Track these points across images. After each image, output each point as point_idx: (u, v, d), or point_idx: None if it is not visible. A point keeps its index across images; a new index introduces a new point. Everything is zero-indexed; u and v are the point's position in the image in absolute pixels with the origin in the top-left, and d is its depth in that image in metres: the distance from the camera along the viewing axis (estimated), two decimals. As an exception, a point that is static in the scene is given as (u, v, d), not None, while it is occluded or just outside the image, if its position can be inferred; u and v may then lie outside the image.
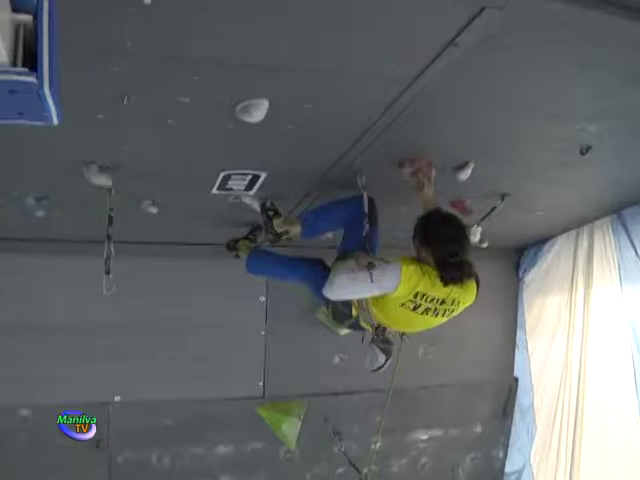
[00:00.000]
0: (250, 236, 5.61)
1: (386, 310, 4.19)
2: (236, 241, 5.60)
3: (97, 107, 3.32)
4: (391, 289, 3.96)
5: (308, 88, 3.33)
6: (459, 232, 4.02)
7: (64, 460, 5.80)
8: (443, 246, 3.93)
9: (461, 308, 4.15)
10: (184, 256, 6.10)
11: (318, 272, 4.58)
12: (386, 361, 4.43)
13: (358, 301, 4.34)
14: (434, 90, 3.40)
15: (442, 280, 3.92)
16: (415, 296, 3.96)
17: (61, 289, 5.83)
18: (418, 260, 4.03)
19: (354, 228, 4.46)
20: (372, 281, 3.95)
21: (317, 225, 4.74)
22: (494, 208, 5.25)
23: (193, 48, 2.88)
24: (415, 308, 4.01)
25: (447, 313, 4.11)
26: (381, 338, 4.40)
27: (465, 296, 4.10)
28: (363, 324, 4.51)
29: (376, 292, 4.05)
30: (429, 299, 3.98)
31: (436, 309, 4.03)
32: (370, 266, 3.96)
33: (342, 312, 4.54)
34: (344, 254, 4.42)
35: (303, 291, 5.51)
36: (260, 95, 3.32)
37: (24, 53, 2.00)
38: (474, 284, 4.13)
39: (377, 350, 4.41)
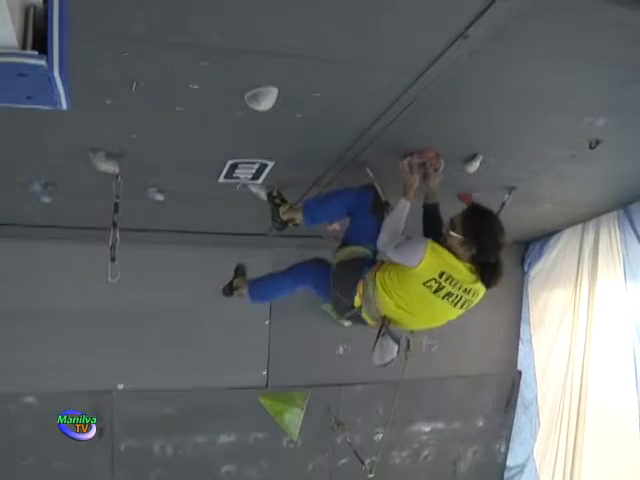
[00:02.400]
0: (238, 273, 5.56)
1: (404, 292, 4.04)
2: (230, 284, 5.52)
3: (105, 93, 3.31)
4: (414, 260, 3.86)
5: (318, 77, 3.31)
6: (503, 233, 3.95)
7: (68, 447, 5.81)
8: (491, 247, 3.89)
9: (477, 301, 4.06)
10: (190, 245, 6.11)
11: (319, 271, 4.59)
12: (397, 353, 4.28)
13: (364, 290, 4.21)
14: (444, 82, 3.39)
15: (483, 282, 3.92)
16: (440, 275, 3.84)
17: (66, 276, 5.85)
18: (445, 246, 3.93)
19: (358, 219, 4.43)
20: (397, 246, 4.00)
21: (318, 213, 4.65)
22: (504, 203, 5.23)
23: (203, 34, 2.87)
24: (437, 290, 3.87)
25: (466, 305, 4.00)
26: (390, 331, 4.31)
27: (482, 288, 4.02)
28: (365, 316, 4.34)
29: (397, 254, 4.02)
30: (453, 283, 3.86)
31: (457, 297, 3.91)
32: None
33: (342, 302, 4.39)
34: (345, 244, 4.40)
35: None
36: (269, 83, 3.31)
37: (34, 36, 1.99)
38: None
39: (391, 342, 4.20)
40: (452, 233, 3.88)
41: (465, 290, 3.91)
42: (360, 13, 2.81)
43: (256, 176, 4.58)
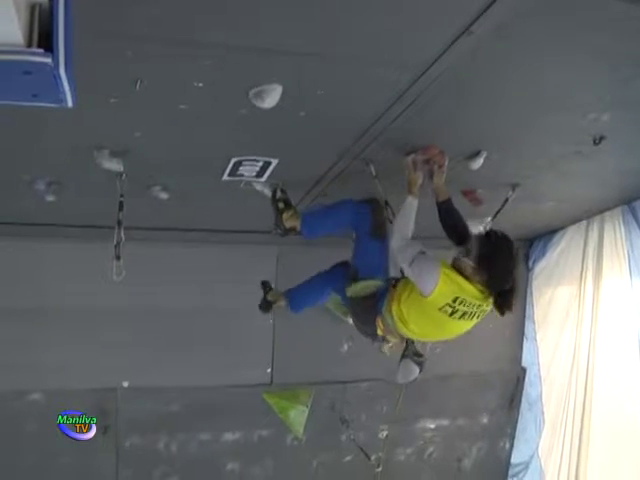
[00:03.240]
0: (267, 288, 5.60)
1: (420, 319, 4.13)
2: (264, 300, 5.56)
3: (110, 91, 3.33)
4: (428, 287, 3.88)
5: (321, 74, 3.32)
6: (516, 259, 4.06)
7: (73, 445, 5.80)
8: (503, 274, 3.95)
9: (490, 307, 4.07)
10: (194, 243, 6.10)
11: (340, 272, 4.68)
12: (419, 372, 4.42)
13: (384, 323, 4.29)
14: (448, 79, 3.39)
15: (499, 309, 3.99)
16: (454, 300, 3.88)
17: (71, 274, 5.84)
18: (455, 267, 3.97)
19: (361, 242, 4.51)
20: (411, 264, 3.99)
21: (316, 228, 4.74)
22: (507, 200, 5.23)
23: (206, 32, 2.88)
24: (453, 313, 3.92)
25: (482, 315, 4.06)
26: (413, 351, 4.38)
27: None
28: (391, 339, 4.44)
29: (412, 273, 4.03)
30: (467, 304, 3.91)
31: (472, 313, 3.96)
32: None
33: (366, 331, 4.55)
34: (355, 276, 4.43)
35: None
36: (273, 80, 3.31)
37: (40, 34, 1.99)
38: None
39: (412, 365, 4.40)
40: (465, 259, 3.92)
41: (479, 305, 3.96)
42: (363, 10, 2.81)
43: (260, 174, 4.59)
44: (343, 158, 4.42)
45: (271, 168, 4.49)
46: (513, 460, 7.63)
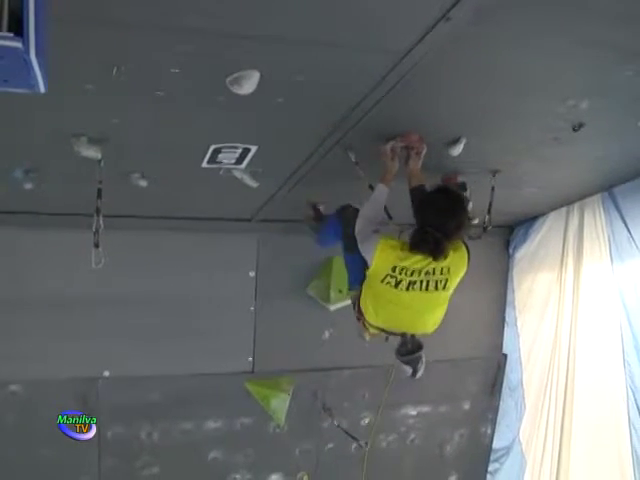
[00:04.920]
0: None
1: (375, 300, 4.18)
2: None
3: (86, 77, 3.29)
4: (369, 258, 3.98)
5: (300, 60, 3.30)
6: (452, 207, 3.94)
7: (53, 435, 5.78)
8: (428, 214, 3.89)
9: (455, 277, 4.04)
10: (174, 231, 6.06)
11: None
12: (417, 370, 4.30)
13: (365, 324, 4.39)
14: (426, 64, 3.38)
15: (412, 247, 3.90)
16: (394, 270, 3.91)
17: (50, 263, 5.80)
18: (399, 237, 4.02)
19: (344, 256, 4.58)
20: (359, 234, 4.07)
21: (323, 242, 5.13)
22: (493, 188, 5.28)
23: (184, 18, 2.84)
24: (397, 284, 3.93)
25: (441, 284, 3.99)
26: (403, 351, 4.27)
27: (456, 263, 4.01)
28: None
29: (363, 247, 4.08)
30: (409, 272, 3.90)
31: (423, 281, 3.93)
32: None
33: None
34: (349, 286, 4.57)
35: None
36: (251, 66, 3.29)
37: (10, 18, 1.96)
38: (464, 251, 4.07)
39: (402, 366, 4.32)
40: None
41: (428, 272, 3.92)
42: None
43: (239, 160, 4.56)
44: (323, 144, 4.40)
45: (250, 155, 4.47)
46: (495, 445, 7.66)
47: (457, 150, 4.56)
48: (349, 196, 4.86)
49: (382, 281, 3.97)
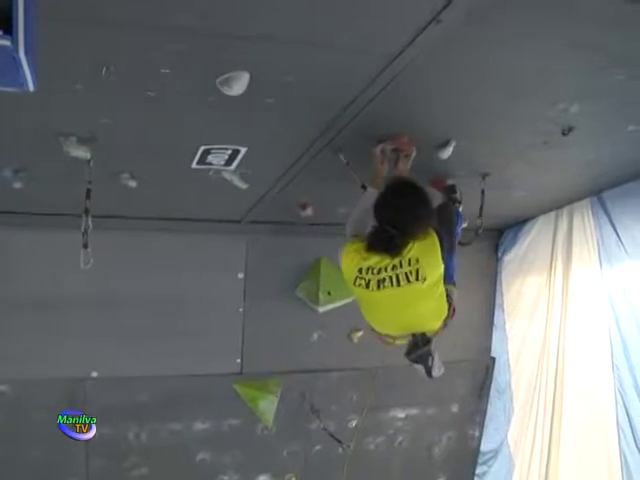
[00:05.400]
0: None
1: (360, 301, 4.19)
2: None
3: (75, 77, 3.27)
4: (339, 263, 4.01)
5: (290, 61, 3.30)
6: (404, 201, 3.81)
7: (41, 435, 5.79)
8: (382, 213, 3.82)
9: (427, 265, 3.86)
10: (163, 231, 6.05)
11: None
12: (429, 367, 4.23)
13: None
14: (417, 66, 3.38)
15: (368, 244, 3.85)
16: (360, 271, 3.88)
17: (39, 263, 5.78)
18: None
19: None
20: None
21: None
22: (483, 191, 5.28)
23: (174, 17, 2.83)
24: (367, 285, 3.88)
25: (413, 275, 3.84)
26: (409, 350, 4.22)
27: (425, 251, 3.86)
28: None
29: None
30: (376, 270, 3.85)
31: (392, 277, 3.83)
32: None
33: None
34: None
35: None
36: (241, 67, 3.28)
37: (-1, 16, 1.96)
38: (432, 236, 3.89)
39: (415, 365, 4.26)
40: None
41: (395, 267, 3.83)
42: (332, -4, 2.80)
43: (229, 162, 4.55)
44: (313, 146, 4.40)
45: (240, 156, 4.46)
46: (483, 448, 7.68)
47: (447, 153, 4.56)
48: (340, 198, 4.87)
49: (354, 284, 3.94)
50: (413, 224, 3.79)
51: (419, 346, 4.15)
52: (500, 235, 7.43)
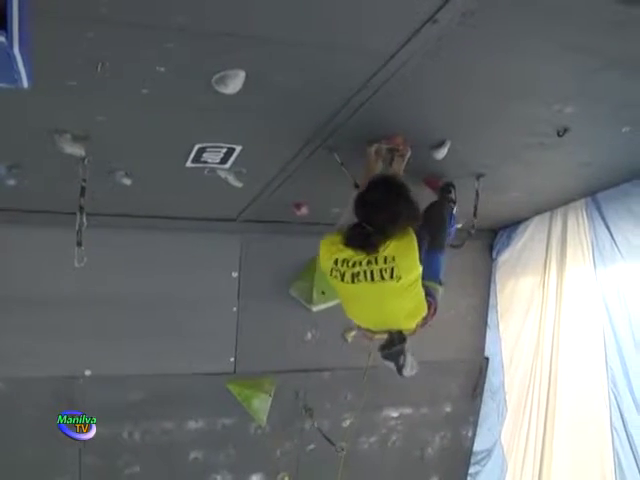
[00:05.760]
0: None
1: (338, 293, 4.24)
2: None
3: (70, 74, 3.27)
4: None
5: (285, 60, 3.30)
6: (382, 199, 3.80)
7: (35, 434, 5.78)
8: (360, 211, 3.83)
9: (403, 266, 3.85)
10: (157, 230, 6.05)
11: None
12: (400, 366, 4.22)
13: None
14: (412, 67, 3.39)
15: (345, 240, 3.85)
16: (335, 263, 3.90)
17: (33, 261, 5.76)
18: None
19: None
20: None
21: None
22: (477, 193, 5.29)
23: (170, 16, 2.83)
24: (342, 276, 3.90)
25: (388, 272, 3.84)
26: (387, 352, 4.24)
27: (402, 250, 3.85)
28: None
29: None
30: (351, 263, 3.86)
31: (367, 271, 3.84)
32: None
33: None
34: None
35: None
36: (237, 66, 3.29)
37: (-7, 13, 1.95)
38: (411, 236, 3.88)
39: (386, 362, 4.27)
40: None
41: (370, 262, 3.84)
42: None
43: (224, 160, 4.55)
44: (308, 145, 4.40)
45: (235, 155, 4.46)
46: (476, 448, 7.68)
47: (441, 153, 4.56)
48: (334, 197, 4.87)
49: (330, 275, 3.97)
50: (390, 222, 3.79)
51: (394, 343, 4.16)
52: (494, 235, 7.43)
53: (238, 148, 4.37)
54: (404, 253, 3.85)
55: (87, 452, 6.19)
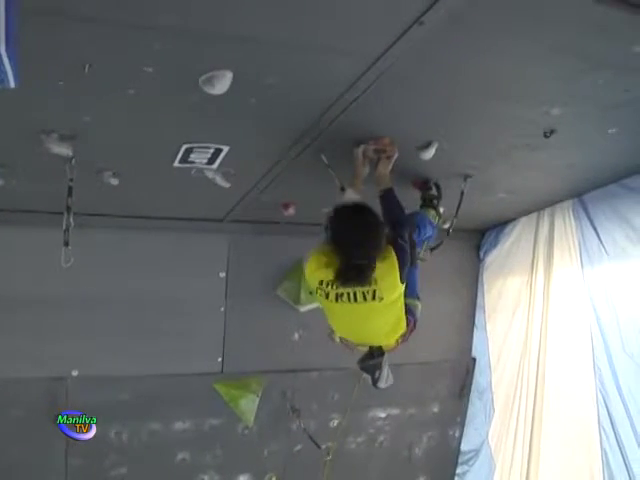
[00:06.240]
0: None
1: (322, 305, 4.27)
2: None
3: (57, 74, 3.26)
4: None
5: (272, 61, 3.30)
6: (363, 233, 3.83)
7: (21, 434, 5.76)
8: (345, 249, 3.83)
9: (385, 287, 3.92)
10: (145, 230, 6.02)
11: None
12: (376, 379, 4.41)
13: None
14: (399, 68, 3.40)
15: (340, 281, 3.87)
16: (320, 283, 3.96)
17: (19, 261, 5.71)
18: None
19: None
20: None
21: None
22: (462, 192, 5.29)
23: (156, 16, 2.83)
24: (327, 296, 3.98)
25: (370, 294, 3.90)
26: (364, 364, 4.39)
27: (383, 272, 3.89)
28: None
29: None
30: (334, 285, 3.91)
31: (350, 294, 3.91)
32: None
33: None
34: None
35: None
36: (224, 67, 3.29)
37: (-21, 12, 1.95)
38: (391, 255, 3.90)
39: (364, 374, 4.49)
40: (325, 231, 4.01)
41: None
42: (315, -3, 2.81)
43: (211, 161, 4.54)
44: (295, 146, 4.40)
45: (222, 155, 4.45)
46: (463, 448, 7.70)
47: (429, 154, 4.57)
48: (322, 198, 4.87)
49: (316, 292, 4.06)
50: (376, 250, 3.86)
51: (373, 357, 4.32)
52: (481, 236, 7.46)
53: (226, 148, 4.37)
54: (385, 274, 3.90)
55: (74, 453, 6.15)
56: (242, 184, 5.10)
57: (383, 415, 7.26)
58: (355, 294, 3.90)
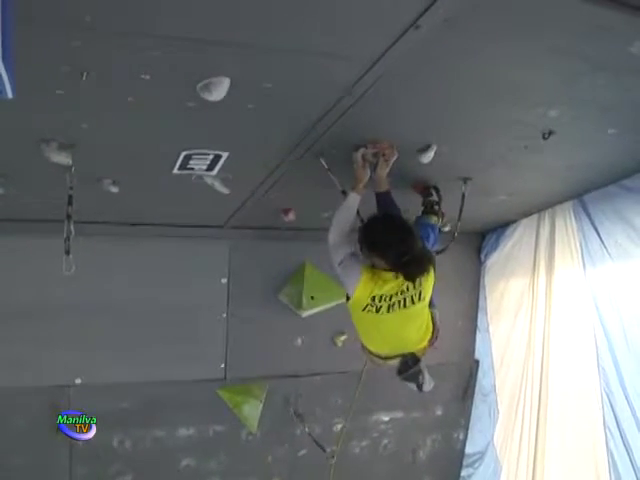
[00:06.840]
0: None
1: (359, 323, 4.31)
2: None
3: (56, 83, 3.26)
4: (350, 289, 4.08)
5: (269, 67, 3.30)
6: (400, 231, 4.01)
7: (25, 443, 5.76)
8: (390, 250, 3.96)
9: (427, 286, 4.15)
10: (146, 237, 6.02)
11: None
12: (420, 384, 4.52)
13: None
14: (397, 72, 3.41)
15: (407, 278, 3.98)
16: (373, 299, 4.03)
17: (21, 270, 5.72)
18: (372, 266, 4.09)
19: None
20: (340, 264, 4.07)
21: None
22: (464, 195, 5.30)
23: (154, 24, 2.84)
24: (378, 310, 4.05)
25: (417, 296, 4.11)
26: (403, 368, 4.44)
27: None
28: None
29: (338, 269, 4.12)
30: (387, 297, 4.03)
31: (401, 301, 4.06)
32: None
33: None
34: None
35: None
36: (221, 73, 3.29)
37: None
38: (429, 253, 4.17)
39: (406, 383, 4.55)
40: (361, 250, 4.10)
41: (402, 291, 4.05)
42: (311, 3, 2.81)
43: (211, 167, 4.54)
44: (294, 151, 4.41)
45: (221, 161, 4.45)
46: (468, 450, 7.68)
47: (428, 157, 4.58)
48: (322, 202, 4.88)
49: (363, 310, 4.10)
50: (417, 241, 4.04)
51: (410, 365, 4.40)
52: (482, 239, 7.46)
53: (225, 155, 4.37)
54: (429, 275, 4.11)
55: (78, 461, 6.15)
56: (242, 190, 5.10)
57: (387, 418, 7.25)
58: (405, 300, 4.06)
